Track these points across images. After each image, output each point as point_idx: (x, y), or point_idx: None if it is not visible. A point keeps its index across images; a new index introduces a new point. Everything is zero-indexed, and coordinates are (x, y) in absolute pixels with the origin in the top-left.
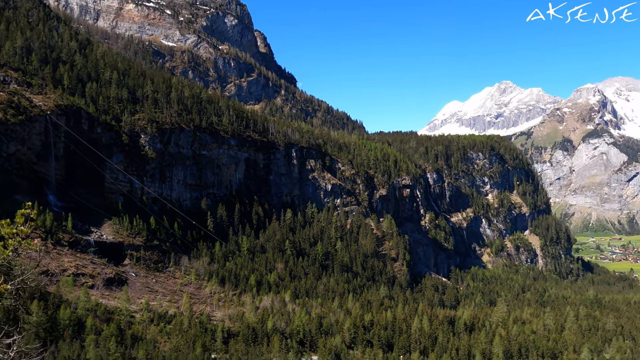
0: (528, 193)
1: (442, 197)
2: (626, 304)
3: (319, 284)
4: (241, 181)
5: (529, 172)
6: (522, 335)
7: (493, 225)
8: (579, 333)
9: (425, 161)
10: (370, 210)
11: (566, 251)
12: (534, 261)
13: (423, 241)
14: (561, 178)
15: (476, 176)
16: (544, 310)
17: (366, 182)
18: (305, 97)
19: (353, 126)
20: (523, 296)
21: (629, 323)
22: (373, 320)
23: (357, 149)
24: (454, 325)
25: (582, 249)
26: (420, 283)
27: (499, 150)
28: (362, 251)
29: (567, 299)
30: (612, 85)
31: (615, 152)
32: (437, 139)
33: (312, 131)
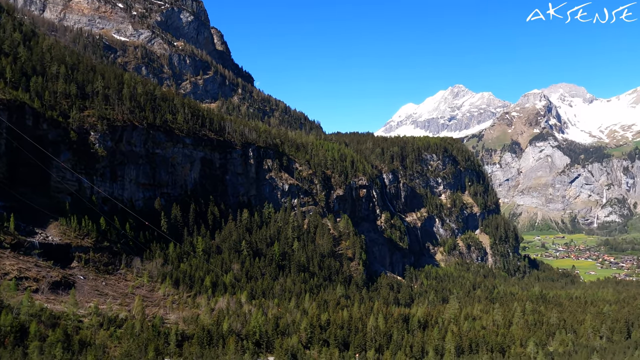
0: (479, 194)
1: (397, 197)
2: (568, 299)
3: (276, 285)
4: (196, 181)
5: (480, 173)
6: (473, 330)
7: (446, 225)
8: (526, 327)
9: (382, 162)
10: (328, 211)
11: (514, 249)
12: (484, 259)
13: (379, 241)
14: (510, 179)
15: (430, 177)
16: (493, 307)
17: (323, 182)
18: (262, 96)
19: (310, 126)
20: (474, 293)
21: (571, 317)
22: (330, 320)
23: (314, 149)
24: (409, 323)
25: (529, 247)
26: (376, 282)
27: (452, 152)
28: (319, 251)
29: (515, 295)
30: (556, 92)
31: (559, 155)
32: (393, 140)
33: (269, 131)
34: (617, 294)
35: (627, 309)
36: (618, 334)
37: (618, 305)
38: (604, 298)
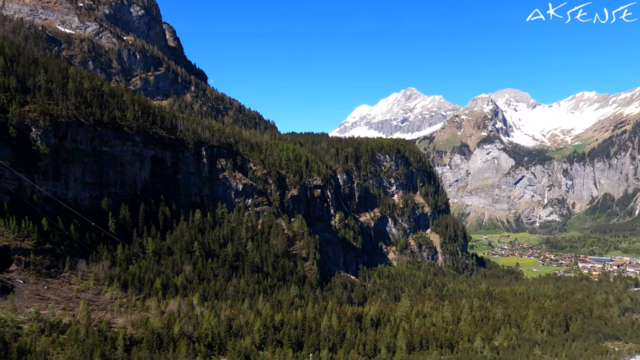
0: (430, 194)
1: (351, 197)
2: (513, 295)
3: (229, 286)
4: (147, 180)
5: (431, 174)
6: (424, 327)
7: (398, 225)
8: (473, 323)
9: (336, 162)
10: (282, 211)
11: (462, 248)
12: (435, 258)
13: (333, 240)
14: (459, 180)
15: (383, 177)
16: (443, 304)
17: (278, 182)
18: (216, 94)
19: (265, 126)
20: (425, 291)
21: (515, 312)
22: (283, 320)
23: (269, 149)
24: (362, 322)
25: (476, 245)
26: (330, 281)
27: (405, 154)
28: (273, 251)
29: (463, 292)
30: (502, 96)
31: (505, 157)
32: (347, 141)
33: (223, 130)
34: (557, 289)
35: (566, 303)
36: (558, 327)
37: (558, 300)
38: (545, 293)
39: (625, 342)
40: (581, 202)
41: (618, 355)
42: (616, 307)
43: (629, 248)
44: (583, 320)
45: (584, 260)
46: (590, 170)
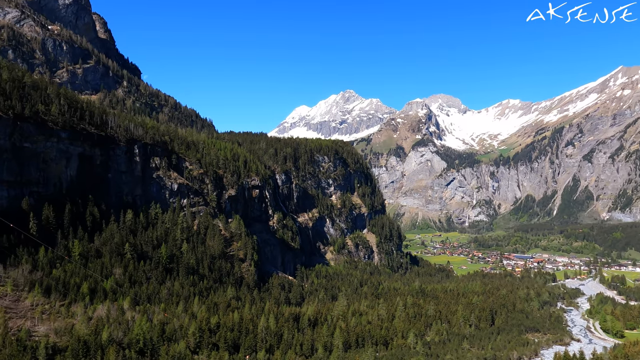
0: (367, 195)
1: (290, 197)
2: (444, 292)
3: (163, 289)
4: (73, 179)
5: (368, 175)
6: (360, 326)
7: (336, 225)
8: (407, 320)
9: (275, 162)
10: (219, 211)
11: (397, 247)
12: (371, 257)
13: (271, 241)
14: (394, 181)
15: (322, 178)
16: (379, 302)
17: (215, 182)
18: (150, 90)
19: (202, 124)
20: (361, 290)
21: (445, 308)
22: (220, 323)
23: (206, 148)
24: (299, 322)
25: (411, 245)
26: (267, 282)
27: (343, 155)
28: (210, 253)
29: (398, 290)
30: (436, 101)
31: (438, 160)
32: (286, 142)
33: (157, 127)
34: (484, 285)
35: (492, 298)
36: (484, 321)
37: (485, 296)
38: (473, 290)
39: (544, 334)
40: (506, 203)
41: (537, 346)
42: (536, 301)
43: (547, 246)
44: (507, 314)
45: (508, 258)
46: (514, 173)
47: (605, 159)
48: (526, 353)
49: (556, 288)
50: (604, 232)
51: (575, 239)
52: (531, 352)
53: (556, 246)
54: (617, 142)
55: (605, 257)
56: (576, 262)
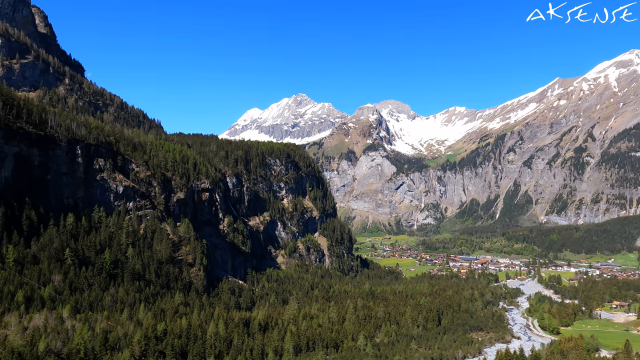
0: (318, 198)
1: (240, 201)
2: (393, 294)
3: (106, 295)
4: (8, 180)
5: (319, 179)
6: (310, 329)
7: (287, 228)
8: (357, 322)
9: (225, 165)
10: (167, 215)
11: (348, 250)
12: (322, 260)
13: (221, 245)
14: (346, 185)
15: (273, 181)
16: (329, 305)
17: (163, 184)
18: (95, 89)
19: (150, 125)
20: (312, 293)
21: (394, 310)
22: (167, 330)
23: (154, 150)
24: (249, 326)
25: (361, 247)
26: (217, 287)
27: (295, 158)
28: (157, 257)
29: (348, 293)
30: (386, 107)
31: (388, 164)
32: (238, 144)
33: (102, 127)
34: (431, 287)
35: (439, 299)
36: (432, 321)
37: (432, 297)
38: (421, 291)
39: (487, 332)
40: (452, 207)
41: (481, 344)
42: (480, 301)
43: (490, 247)
44: (453, 314)
45: (454, 260)
46: (460, 178)
47: (543, 165)
48: (470, 351)
49: (498, 288)
50: (542, 234)
51: (516, 241)
52: (475, 350)
53: (499, 248)
54: (554, 149)
55: (543, 258)
56: (517, 263)
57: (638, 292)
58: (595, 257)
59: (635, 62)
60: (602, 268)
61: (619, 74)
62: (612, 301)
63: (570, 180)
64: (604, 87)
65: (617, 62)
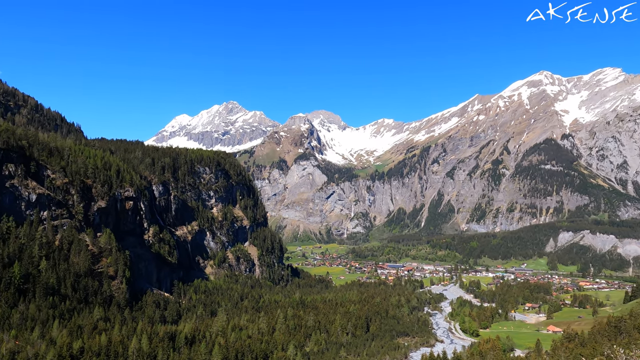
0: (249, 207)
1: (167, 210)
2: (323, 302)
3: (15, 313)
4: None
5: (250, 188)
6: (240, 341)
7: (217, 238)
8: (287, 332)
9: (152, 173)
10: (86, 224)
11: (279, 260)
12: (252, 270)
13: (145, 256)
14: (277, 194)
15: (202, 190)
16: (259, 315)
17: (82, 192)
18: (5, 88)
19: (69, 129)
20: (242, 304)
21: (324, 318)
22: (84, 348)
23: (72, 155)
24: (175, 341)
25: (292, 256)
26: (141, 300)
27: (225, 166)
28: (74, 270)
29: (279, 303)
30: (317, 117)
31: (319, 174)
32: (165, 151)
33: (13, 130)
34: (360, 294)
35: (367, 306)
36: (360, 328)
37: (361, 304)
38: (351, 299)
39: (413, 337)
40: (381, 216)
41: (407, 349)
42: (406, 307)
43: (416, 255)
44: (381, 321)
45: (382, 267)
46: (388, 188)
47: (464, 176)
48: (397, 356)
49: (423, 294)
50: (463, 241)
51: (440, 248)
52: (402, 355)
53: (424, 255)
54: (474, 161)
55: (464, 264)
56: (440, 269)
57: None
58: (510, 263)
59: (544, 82)
60: (517, 273)
61: (531, 93)
62: (525, 303)
63: (488, 190)
64: (517, 104)
65: (529, 81)
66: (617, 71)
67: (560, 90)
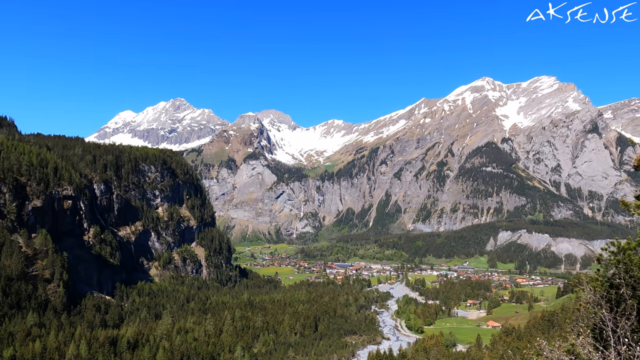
0: (196, 207)
1: (110, 209)
2: (272, 303)
3: None
4: None
5: (198, 187)
6: (185, 344)
7: (162, 239)
8: (235, 334)
9: (93, 171)
10: (20, 225)
11: (227, 260)
12: (199, 271)
13: (85, 258)
14: (225, 194)
15: (147, 189)
16: (206, 317)
17: (15, 191)
18: None
19: (0, 123)
20: (188, 306)
21: (273, 319)
22: (15, 356)
23: (4, 151)
24: (117, 345)
25: (240, 257)
26: (80, 304)
27: (171, 165)
28: (5, 274)
29: (226, 304)
30: (267, 116)
31: (268, 173)
32: (108, 148)
33: None
34: (309, 294)
35: (316, 306)
36: (309, 328)
37: (309, 304)
38: (299, 299)
39: (360, 335)
40: (330, 216)
41: (354, 347)
42: (354, 306)
43: (364, 254)
44: (329, 320)
45: (331, 267)
46: (337, 188)
47: (411, 177)
48: (345, 355)
49: (371, 293)
50: (409, 241)
51: (387, 247)
52: (349, 353)
53: (372, 254)
54: (420, 163)
55: (410, 263)
56: (387, 268)
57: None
58: (454, 261)
59: (486, 88)
60: (459, 271)
61: (474, 98)
62: (467, 300)
63: (434, 191)
64: (461, 108)
65: (472, 87)
66: (552, 79)
67: (500, 96)
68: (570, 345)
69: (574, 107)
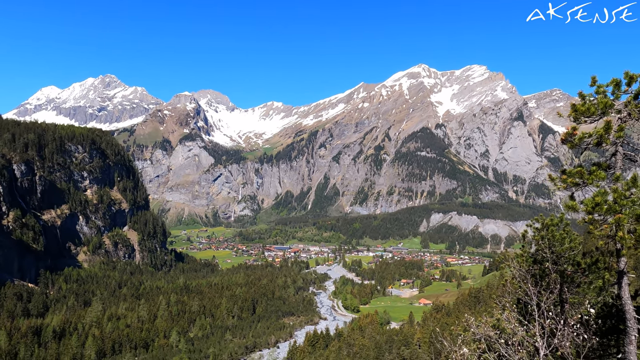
0: (129, 189)
1: (32, 192)
2: (209, 287)
3: None
4: None
5: (130, 168)
6: (117, 331)
7: (91, 222)
8: (170, 319)
9: (12, 150)
10: None
11: (162, 244)
12: (132, 256)
13: (5, 243)
14: (160, 176)
15: (75, 170)
16: (139, 303)
17: None
18: None
19: None
20: (120, 292)
21: (210, 302)
22: None
23: None
24: (41, 335)
25: (176, 241)
26: None
27: (101, 145)
28: None
29: (161, 289)
30: (205, 97)
31: (205, 155)
32: (29, 126)
33: None
34: (247, 277)
35: (254, 289)
36: (247, 311)
37: (247, 287)
38: (237, 282)
39: (298, 317)
40: (269, 199)
41: (292, 328)
42: (292, 288)
43: (303, 237)
44: (267, 302)
45: (269, 250)
46: (276, 171)
47: (349, 161)
48: (282, 336)
49: (309, 274)
50: (347, 223)
51: (325, 230)
52: (287, 334)
53: (310, 237)
54: (358, 147)
55: (348, 245)
56: (325, 250)
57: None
58: (389, 242)
59: (422, 75)
60: (394, 251)
61: (410, 84)
62: (400, 280)
63: (371, 174)
64: (398, 94)
65: (409, 73)
66: (483, 68)
67: (435, 82)
68: (496, 320)
69: (502, 95)
